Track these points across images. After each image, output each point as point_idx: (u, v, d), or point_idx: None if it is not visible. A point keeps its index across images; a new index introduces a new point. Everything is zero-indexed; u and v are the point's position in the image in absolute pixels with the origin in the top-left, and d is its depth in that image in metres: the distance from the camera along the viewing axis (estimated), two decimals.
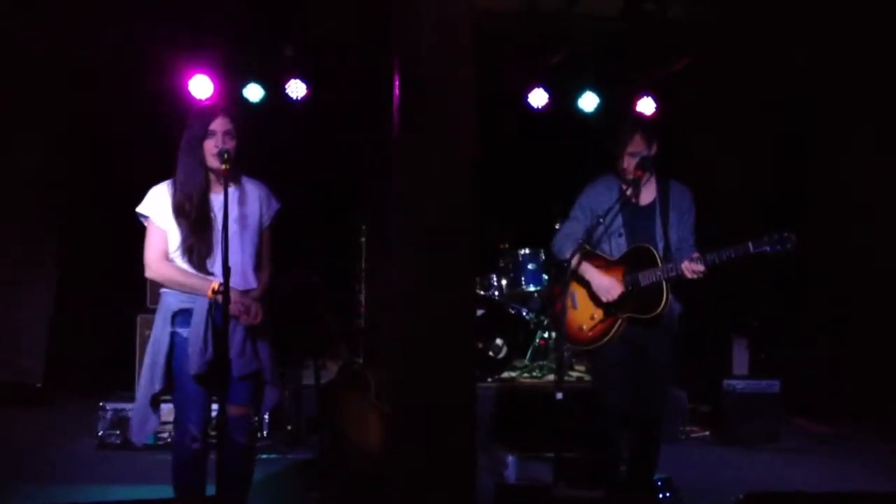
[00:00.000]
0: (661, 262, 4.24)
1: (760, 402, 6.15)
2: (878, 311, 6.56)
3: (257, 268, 3.86)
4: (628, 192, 4.33)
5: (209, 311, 3.64)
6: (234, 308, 3.65)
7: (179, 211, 3.71)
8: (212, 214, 3.72)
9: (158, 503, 3.10)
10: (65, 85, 6.90)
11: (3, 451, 5.65)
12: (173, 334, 3.72)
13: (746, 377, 6.30)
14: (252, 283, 3.81)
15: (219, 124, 3.71)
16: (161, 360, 3.70)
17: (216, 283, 3.58)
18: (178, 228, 3.72)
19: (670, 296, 4.25)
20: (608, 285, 4.32)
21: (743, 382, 6.21)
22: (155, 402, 3.76)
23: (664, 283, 4.22)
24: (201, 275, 3.70)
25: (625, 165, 4.36)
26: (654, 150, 4.38)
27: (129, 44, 6.48)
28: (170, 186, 3.77)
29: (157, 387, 3.71)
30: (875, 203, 6.55)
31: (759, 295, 6.95)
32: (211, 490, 3.70)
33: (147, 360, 3.76)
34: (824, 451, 6.07)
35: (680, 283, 4.24)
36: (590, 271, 4.38)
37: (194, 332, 3.66)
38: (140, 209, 3.79)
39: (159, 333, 3.74)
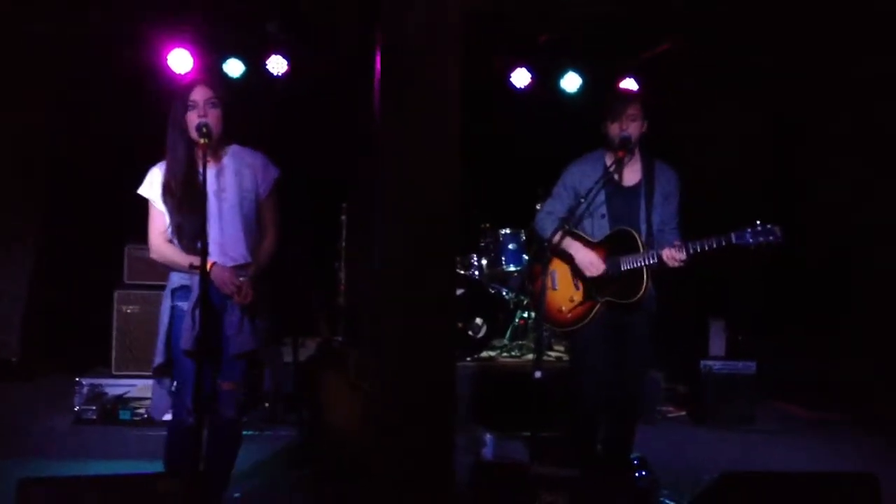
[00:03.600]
0: (643, 248, 4.24)
1: (737, 384, 6.19)
2: (857, 294, 6.62)
3: (252, 240, 3.84)
4: (612, 169, 4.32)
5: (203, 288, 3.63)
6: (226, 287, 3.66)
7: (167, 190, 3.73)
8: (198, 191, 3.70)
9: (134, 478, 3.07)
10: (44, 59, 6.81)
11: None
12: (173, 308, 3.78)
13: (723, 358, 6.33)
14: (239, 258, 3.79)
15: (199, 93, 3.68)
16: (162, 333, 3.78)
17: (191, 260, 3.59)
18: (167, 207, 3.75)
19: (650, 282, 4.26)
20: (592, 260, 4.32)
21: (720, 363, 6.25)
22: (159, 375, 3.82)
23: (644, 269, 4.23)
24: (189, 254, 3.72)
25: (624, 127, 4.29)
26: (645, 126, 4.37)
27: (109, 17, 6.40)
28: (162, 167, 3.78)
29: (159, 360, 3.78)
30: (857, 186, 6.58)
31: (737, 276, 6.99)
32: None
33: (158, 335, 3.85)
34: (799, 432, 6.13)
35: (660, 269, 4.25)
36: (573, 246, 4.37)
37: (186, 309, 3.70)
38: (140, 191, 3.82)
39: (163, 308, 3.82)
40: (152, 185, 3.79)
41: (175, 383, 3.83)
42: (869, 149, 6.53)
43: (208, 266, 3.58)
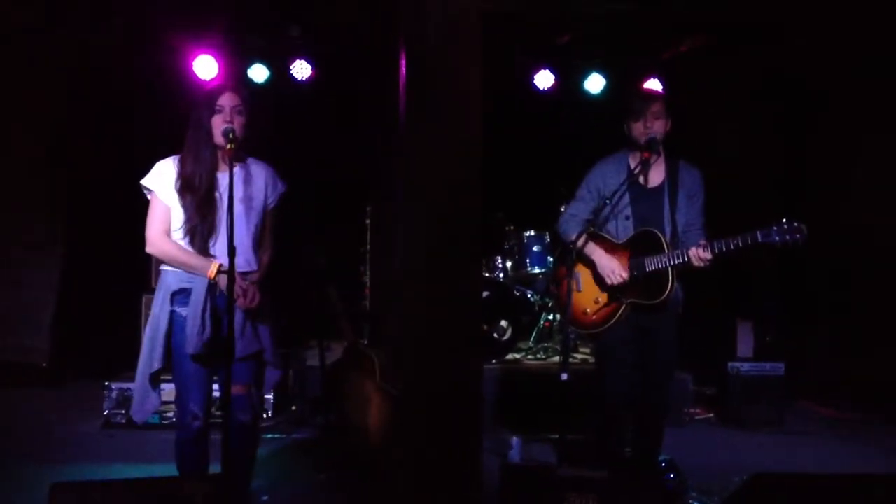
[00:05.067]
0: (668, 248, 4.21)
1: (765, 385, 6.15)
2: (883, 293, 6.54)
3: (259, 250, 3.85)
4: (636, 171, 4.29)
5: (208, 291, 3.63)
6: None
7: (187, 187, 3.66)
8: (217, 194, 3.70)
9: (162, 481, 3.11)
10: (69, 66, 6.88)
11: (10, 431, 5.67)
12: (172, 313, 3.69)
13: (751, 360, 6.30)
14: (254, 265, 3.79)
15: (227, 99, 3.67)
16: (160, 338, 3.69)
17: (217, 263, 3.58)
18: (182, 207, 3.69)
19: (675, 283, 4.23)
20: (614, 268, 4.30)
21: (747, 365, 6.21)
22: (154, 381, 3.75)
23: (670, 269, 4.20)
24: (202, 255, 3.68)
25: (648, 125, 4.26)
26: (668, 125, 4.35)
27: (134, 23, 6.46)
28: (176, 162, 3.73)
29: (156, 365, 3.70)
30: (879, 183, 6.52)
31: (764, 277, 6.93)
32: (216, 470, 3.71)
33: (146, 338, 3.75)
34: (828, 433, 6.08)
35: (685, 269, 4.22)
36: (596, 252, 4.36)
37: (192, 313, 3.64)
38: (145, 182, 3.74)
39: (158, 312, 3.72)
40: (161, 178, 3.70)
41: (176, 389, 3.78)
42: (886, 136, 6.47)
43: (217, 268, 3.57)
